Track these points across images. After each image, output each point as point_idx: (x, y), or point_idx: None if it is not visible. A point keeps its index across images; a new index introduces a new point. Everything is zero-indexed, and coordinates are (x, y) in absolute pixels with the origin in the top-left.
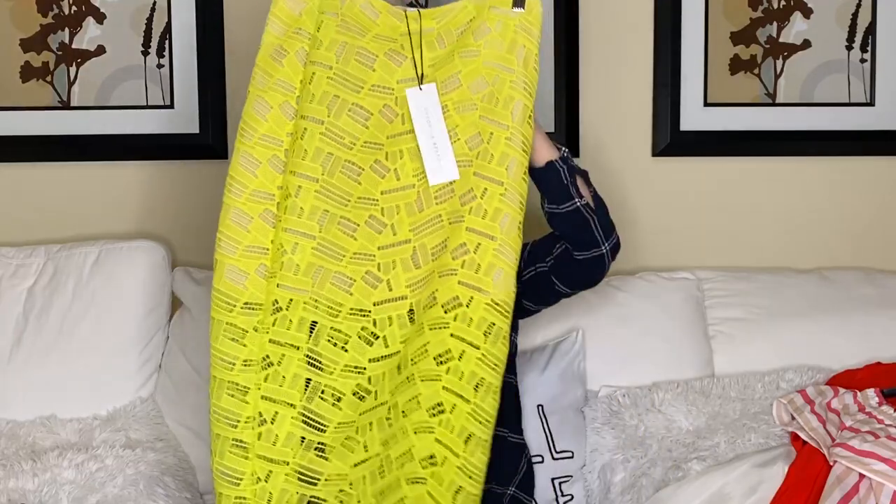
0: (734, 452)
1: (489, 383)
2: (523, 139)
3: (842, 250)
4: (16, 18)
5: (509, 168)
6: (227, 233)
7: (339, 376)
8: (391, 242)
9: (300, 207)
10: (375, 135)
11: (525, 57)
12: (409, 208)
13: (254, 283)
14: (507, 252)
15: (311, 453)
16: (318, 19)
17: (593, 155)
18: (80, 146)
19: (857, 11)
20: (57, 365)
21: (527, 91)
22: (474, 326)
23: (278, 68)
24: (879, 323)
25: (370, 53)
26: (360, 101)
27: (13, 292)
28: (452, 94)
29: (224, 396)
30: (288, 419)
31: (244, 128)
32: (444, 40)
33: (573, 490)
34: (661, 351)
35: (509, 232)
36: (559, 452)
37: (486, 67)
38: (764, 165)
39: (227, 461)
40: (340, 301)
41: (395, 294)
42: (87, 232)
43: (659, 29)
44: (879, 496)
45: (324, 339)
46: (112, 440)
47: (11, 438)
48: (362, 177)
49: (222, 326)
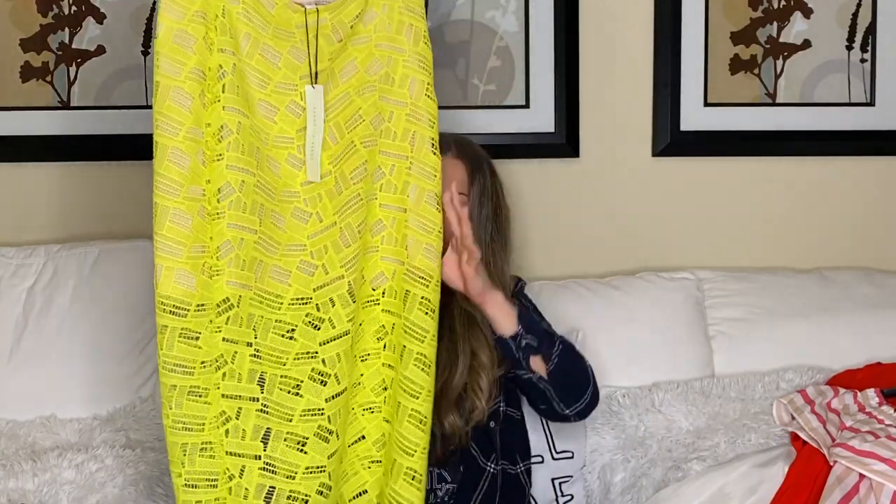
0: (734, 452)
1: (410, 351)
2: (427, 113)
3: (842, 250)
4: (16, 18)
5: (412, 142)
6: (169, 235)
7: (294, 365)
8: (319, 230)
9: (244, 202)
10: (285, 129)
11: (415, 35)
12: (330, 194)
13: (202, 283)
14: (417, 221)
15: (282, 444)
16: (217, 3)
17: (593, 155)
18: (80, 146)
19: (857, 11)
20: (57, 365)
21: (422, 67)
22: (398, 298)
23: (190, 56)
24: (879, 323)
25: (275, 51)
26: (266, 98)
27: (13, 292)
28: (352, 80)
29: (186, 403)
30: (252, 413)
31: (166, 122)
32: (339, 32)
33: (573, 490)
34: (661, 351)
35: (419, 202)
36: (559, 453)
37: (379, 50)
38: (764, 165)
39: (198, 466)
40: (280, 293)
41: (333, 276)
42: (88, 232)
43: (659, 29)
44: (879, 496)
45: (270, 332)
46: (112, 440)
47: (11, 438)
48: (281, 171)
49: (177, 332)
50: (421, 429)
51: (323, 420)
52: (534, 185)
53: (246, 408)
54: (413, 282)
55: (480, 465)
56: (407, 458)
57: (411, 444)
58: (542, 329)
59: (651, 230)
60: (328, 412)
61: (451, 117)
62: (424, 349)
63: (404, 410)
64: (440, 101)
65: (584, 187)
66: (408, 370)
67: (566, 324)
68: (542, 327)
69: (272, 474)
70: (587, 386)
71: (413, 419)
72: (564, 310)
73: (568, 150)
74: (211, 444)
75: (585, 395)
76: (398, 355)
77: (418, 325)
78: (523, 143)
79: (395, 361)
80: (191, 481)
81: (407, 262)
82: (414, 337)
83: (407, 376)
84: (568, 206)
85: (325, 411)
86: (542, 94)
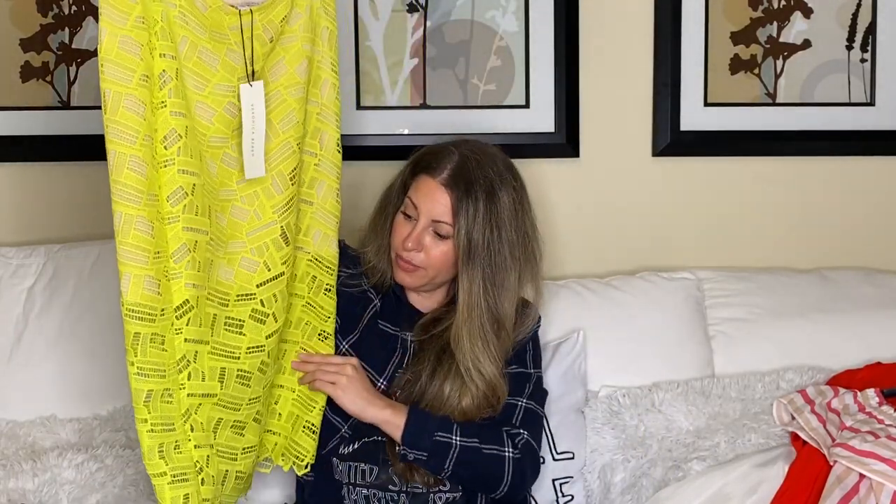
0: (734, 452)
1: (314, 327)
2: (335, 114)
3: (842, 250)
4: (16, 18)
5: (322, 141)
6: (135, 244)
7: (247, 359)
8: (257, 227)
9: (196, 205)
10: (221, 129)
11: (329, 38)
12: (268, 192)
13: (164, 288)
14: (324, 216)
15: (228, 431)
16: (156, 8)
17: (593, 155)
18: (80, 146)
19: (857, 11)
20: (57, 365)
21: (333, 70)
22: (298, 280)
23: (138, 62)
24: (879, 323)
25: (213, 54)
26: (203, 99)
27: (13, 292)
28: (281, 80)
29: (160, 405)
30: (208, 406)
31: (122, 130)
32: (269, 31)
33: (573, 490)
34: (661, 351)
35: (326, 198)
36: (560, 453)
37: (305, 50)
38: (764, 165)
39: (175, 461)
40: (226, 290)
41: (274, 273)
42: (88, 232)
43: (659, 29)
44: (879, 496)
45: (222, 328)
46: (112, 440)
47: (11, 438)
48: (217, 171)
49: (148, 339)
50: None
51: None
52: (534, 185)
53: (205, 404)
54: (317, 268)
55: None
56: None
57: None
58: (432, 440)
59: (651, 230)
60: (262, 398)
61: (451, 117)
62: (322, 325)
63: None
64: (440, 102)
65: (584, 187)
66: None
67: (566, 324)
68: (432, 438)
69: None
70: (501, 479)
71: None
72: (564, 310)
73: (568, 150)
74: (179, 441)
75: (501, 486)
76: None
77: (321, 306)
78: (523, 143)
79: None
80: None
81: (312, 250)
82: (317, 315)
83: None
84: (568, 206)
85: (260, 397)
86: (542, 94)
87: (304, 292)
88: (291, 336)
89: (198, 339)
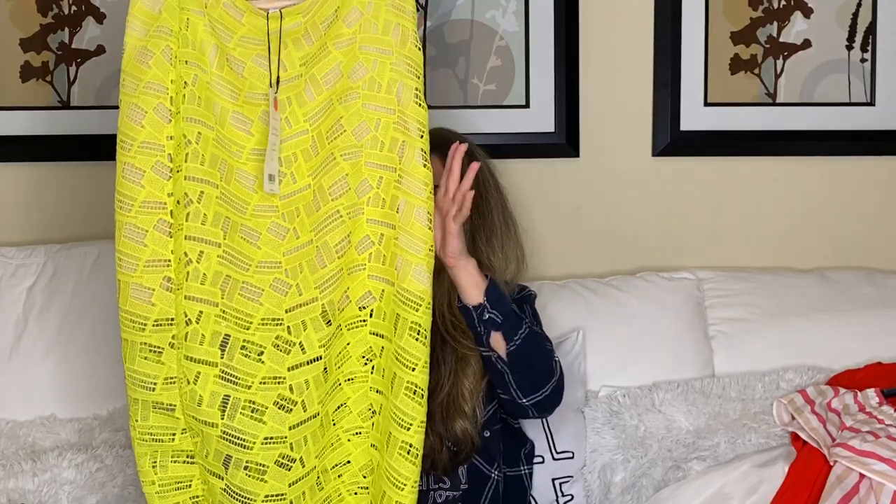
0: (734, 452)
1: (401, 379)
2: (417, 122)
3: (842, 250)
4: (16, 18)
5: (401, 153)
6: (124, 251)
7: (259, 389)
8: (295, 246)
9: (203, 214)
10: (262, 141)
11: (402, 36)
12: (308, 209)
13: (161, 298)
14: (407, 240)
15: (241, 473)
16: (181, 16)
17: (593, 155)
18: (79, 146)
19: (857, 11)
20: (57, 365)
21: (411, 71)
22: (388, 320)
23: (146, 70)
24: (879, 323)
25: (239, 61)
26: (239, 109)
27: (13, 292)
28: (336, 87)
29: (152, 416)
30: (213, 438)
31: (122, 139)
32: (310, 36)
33: (573, 490)
34: (661, 351)
35: (407, 219)
36: (559, 453)
37: (363, 53)
38: (764, 165)
39: (171, 472)
40: (250, 312)
41: (306, 297)
42: (88, 232)
43: (659, 29)
44: (879, 496)
45: (237, 352)
46: (112, 440)
47: (11, 438)
48: (256, 185)
49: (137, 347)
50: (412, 461)
51: (285, 448)
52: (534, 185)
53: (207, 432)
54: (403, 305)
55: (485, 473)
56: (396, 493)
57: (402, 477)
58: (510, 309)
59: (651, 230)
60: (290, 440)
61: (451, 117)
62: (416, 378)
63: (395, 442)
64: (440, 102)
65: (584, 187)
66: (398, 399)
67: (566, 324)
68: (510, 307)
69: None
70: (549, 378)
71: (402, 450)
72: (564, 310)
73: (568, 150)
74: (183, 451)
75: (545, 387)
76: (388, 381)
77: (409, 352)
78: (523, 143)
79: (383, 387)
80: (163, 488)
81: (397, 283)
82: (405, 365)
83: (398, 406)
84: (568, 206)
85: (287, 439)
86: (542, 94)
87: (389, 333)
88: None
89: (199, 358)
